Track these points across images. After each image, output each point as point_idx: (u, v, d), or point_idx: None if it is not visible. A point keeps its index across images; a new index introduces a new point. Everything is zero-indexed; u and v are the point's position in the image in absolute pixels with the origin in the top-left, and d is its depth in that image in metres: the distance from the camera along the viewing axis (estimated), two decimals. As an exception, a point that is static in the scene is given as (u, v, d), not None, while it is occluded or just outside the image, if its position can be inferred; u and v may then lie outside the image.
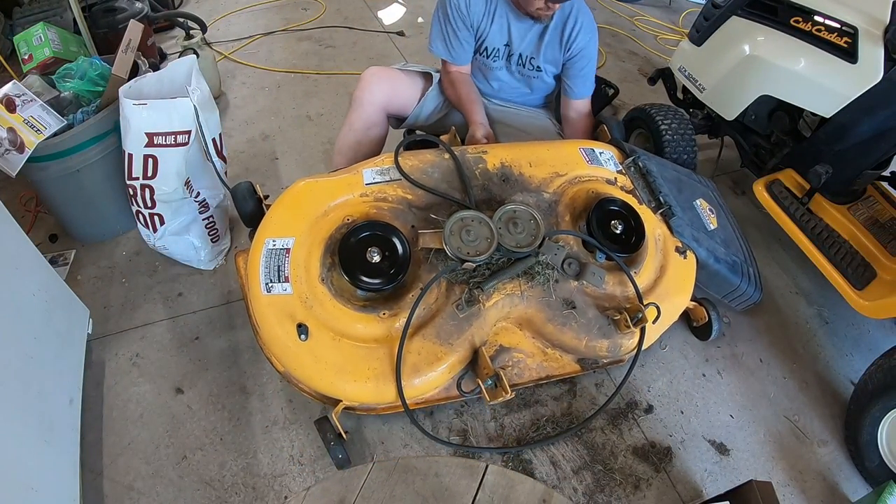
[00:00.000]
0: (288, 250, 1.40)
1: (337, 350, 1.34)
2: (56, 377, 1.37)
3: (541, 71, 1.86)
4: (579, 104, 1.92)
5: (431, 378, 1.38)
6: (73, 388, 1.43)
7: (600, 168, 1.70)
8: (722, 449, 1.58)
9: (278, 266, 1.39)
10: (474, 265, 1.41)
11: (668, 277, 1.60)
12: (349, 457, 1.40)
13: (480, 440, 1.53)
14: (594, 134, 1.92)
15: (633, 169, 1.75)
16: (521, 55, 1.83)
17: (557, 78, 1.91)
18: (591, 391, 1.66)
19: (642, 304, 1.48)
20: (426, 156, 1.61)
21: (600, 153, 1.75)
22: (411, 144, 1.77)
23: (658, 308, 1.48)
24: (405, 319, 1.36)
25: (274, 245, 1.41)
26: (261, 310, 1.37)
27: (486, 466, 0.94)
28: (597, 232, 1.53)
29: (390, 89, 1.85)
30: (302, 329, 1.30)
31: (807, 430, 1.65)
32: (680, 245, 1.64)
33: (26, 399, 1.22)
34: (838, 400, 1.72)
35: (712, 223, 1.78)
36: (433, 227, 1.46)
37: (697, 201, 1.80)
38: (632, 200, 1.64)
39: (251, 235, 1.53)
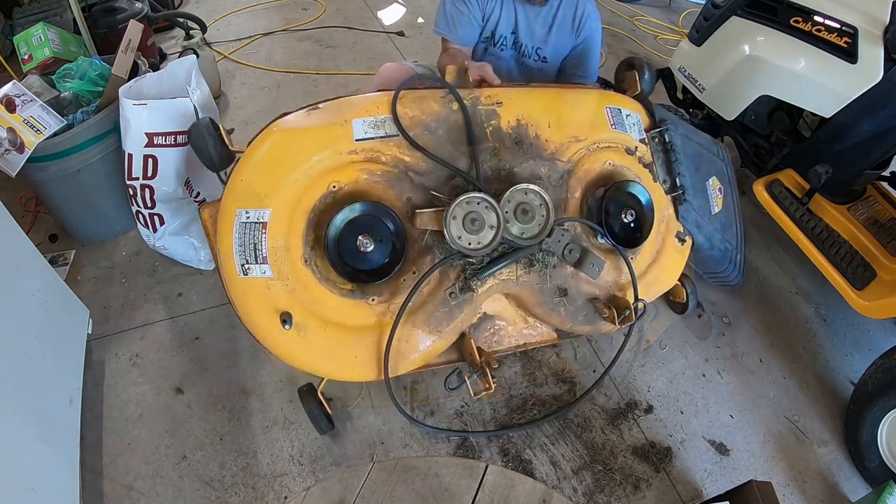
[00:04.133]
0: (264, 224, 1.23)
1: (323, 337, 1.27)
2: (56, 377, 1.37)
3: (546, 62, 1.85)
4: None
5: (416, 361, 1.36)
6: (73, 388, 1.43)
7: (623, 134, 1.52)
8: (722, 449, 1.58)
9: (254, 244, 1.23)
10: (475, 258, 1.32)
11: (662, 263, 1.57)
12: (332, 421, 1.43)
13: (480, 439, 1.53)
14: (622, 80, 1.65)
15: (657, 140, 1.58)
16: (526, 45, 1.83)
17: (559, 71, 1.91)
18: (592, 391, 1.66)
19: (637, 298, 1.46)
20: (430, 105, 1.36)
21: (627, 115, 1.54)
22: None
23: (645, 305, 1.47)
24: (396, 307, 1.29)
25: (247, 218, 1.23)
26: (239, 295, 1.25)
27: (486, 466, 0.94)
28: (606, 219, 1.43)
29: None
30: (285, 318, 1.22)
31: (807, 430, 1.65)
32: (681, 230, 1.60)
33: (26, 399, 1.22)
34: (838, 400, 1.72)
35: (718, 205, 1.69)
36: (432, 203, 1.31)
37: (711, 180, 1.69)
38: (647, 176, 1.54)
39: (223, 182, 1.32)
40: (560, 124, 1.45)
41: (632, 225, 1.45)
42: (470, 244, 1.27)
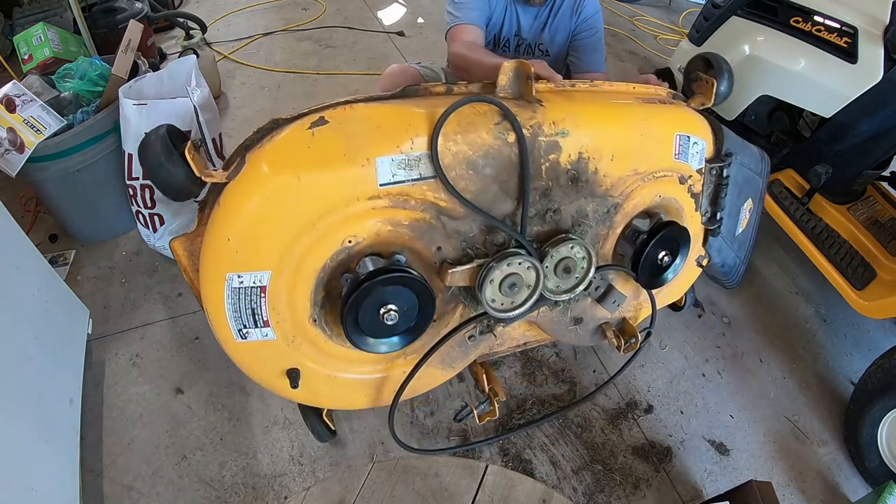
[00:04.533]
0: (262, 288, 1.03)
1: (332, 383, 1.22)
2: (56, 377, 1.37)
3: (548, 55, 1.85)
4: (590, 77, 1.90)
5: (422, 390, 1.36)
6: (73, 388, 1.43)
7: (683, 164, 1.32)
8: (722, 449, 1.58)
9: (252, 309, 1.05)
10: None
11: (675, 283, 1.53)
12: (332, 431, 1.42)
13: (481, 444, 1.53)
14: (694, 80, 1.37)
15: (714, 172, 1.40)
16: (529, 44, 1.82)
17: (563, 63, 1.91)
18: (591, 391, 1.66)
19: (651, 327, 1.47)
20: (481, 136, 1.05)
21: (694, 143, 1.32)
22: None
23: (650, 332, 1.48)
24: (411, 352, 1.21)
25: (241, 283, 1.02)
26: (239, 358, 1.15)
27: (486, 466, 0.94)
28: (643, 257, 1.30)
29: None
30: (294, 382, 1.15)
31: (807, 430, 1.65)
32: (702, 254, 1.56)
33: (26, 399, 1.22)
34: (838, 400, 1.72)
35: (743, 225, 1.61)
36: (466, 253, 1.14)
37: (747, 202, 1.58)
38: (690, 205, 1.40)
39: (201, 210, 1.08)
40: (624, 156, 1.21)
41: (663, 267, 1.36)
42: (503, 305, 1.17)
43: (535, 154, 1.11)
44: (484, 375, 1.39)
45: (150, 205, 1.71)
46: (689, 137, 1.30)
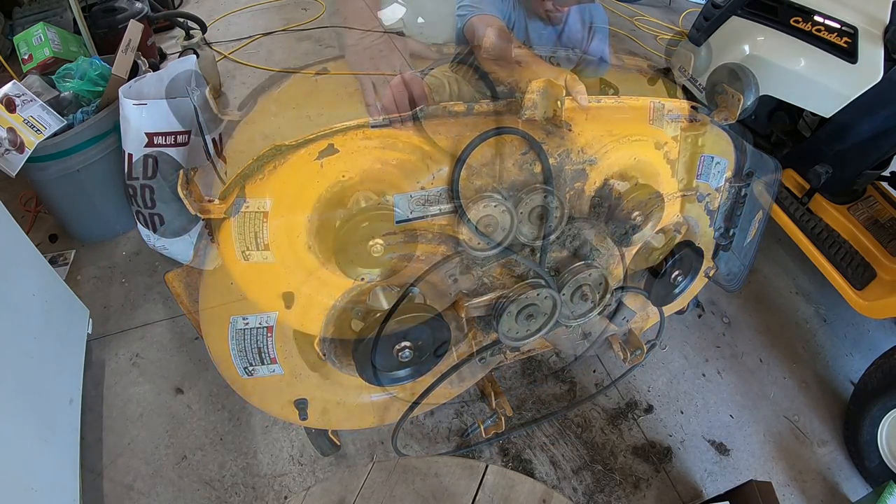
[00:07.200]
0: (269, 328, 1.02)
1: (341, 409, 1.22)
2: (56, 377, 1.37)
3: (558, 66, 1.85)
4: None
5: (431, 405, 1.37)
6: (73, 388, 1.43)
7: (703, 183, 1.32)
8: (722, 449, 1.58)
9: (259, 349, 1.03)
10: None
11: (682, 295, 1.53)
12: (333, 443, 1.41)
13: (482, 444, 1.53)
14: (720, 94, 1.31)
15: (732, 191, 1.39)
16: (539, 53, 1.82)
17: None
18: (591, 391, 1.66)
19: (658, 339, 1.47)
20: (507, 168, 1.02)
21: (717, 164, 1.32)
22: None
23: (655, 344, 1.48)
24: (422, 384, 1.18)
25: (246, 324, 1.00)
26: (246, 392, 1.13)
27: (486, 466, 0.94)
28: (659, 281, 1.30)
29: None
30: (303, 415, 1.14)
31: (807, 430, 1.65)
32: (710, 265, 1.54)
33: (26, 399, 1.22)
34: (838, 400, 1.72)
35: (751, 236, 1.59)
36: (482, 282, 1.12)
37: (758, 214, 1.56)
38: (705, 221, 1.40)
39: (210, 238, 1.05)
40: (650, 181, 1.17)
41: (675, 285, 1.36)
42: (518, 333, 1.17)
43: (561, 183, 1.06)
44: (492, 392, 1.39)
45: (150, 205, 1.71)
46: (712, 158, 1.28)
